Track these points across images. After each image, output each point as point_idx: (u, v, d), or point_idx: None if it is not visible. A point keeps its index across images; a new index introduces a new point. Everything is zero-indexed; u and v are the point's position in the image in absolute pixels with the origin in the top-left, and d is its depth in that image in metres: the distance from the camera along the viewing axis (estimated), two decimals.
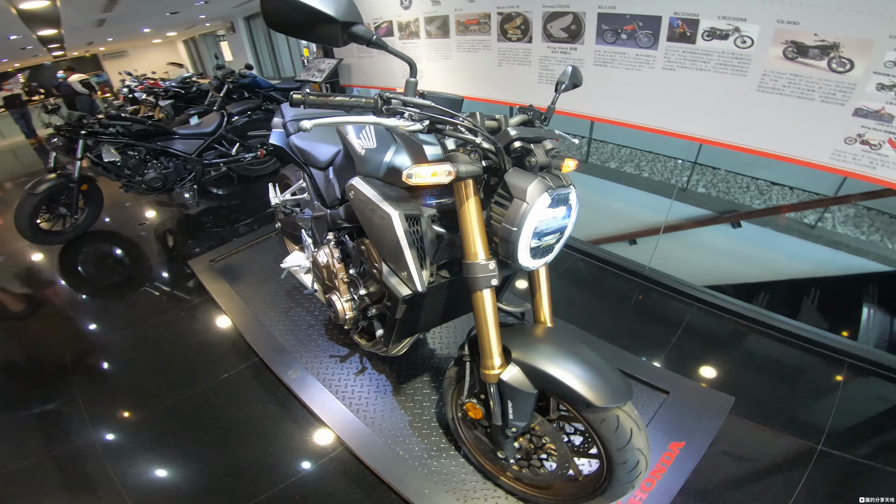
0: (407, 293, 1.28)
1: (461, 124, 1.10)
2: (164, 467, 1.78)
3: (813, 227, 3.16)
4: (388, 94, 1.10)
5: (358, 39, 1.01)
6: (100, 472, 1.76)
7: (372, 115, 1.10)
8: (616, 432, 1.13)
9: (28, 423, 2.03)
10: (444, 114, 1.11)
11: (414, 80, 1.14)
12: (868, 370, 2.05)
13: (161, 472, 1.77)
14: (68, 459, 1.82)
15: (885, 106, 1.73)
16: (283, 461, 1.77)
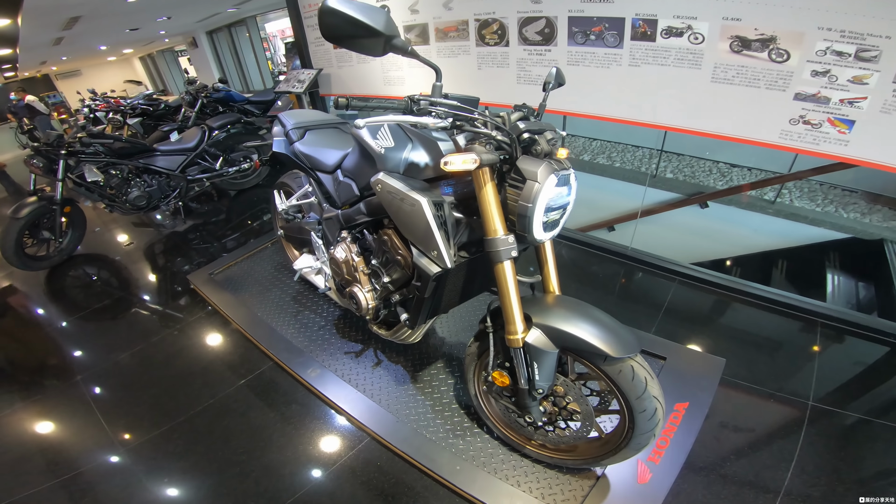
0: (437, 271, 1.41)
1: (479, 120, 1.26)
2: (196, 476, 1.81)
3: (773, 203, 3.47)
4: (417, 96, 1.25)
5: (396, 50, 1.17)
6: (133, 485, 1.78)
7: (407, 115, 1.25)
8: (633, 381, 1.28)
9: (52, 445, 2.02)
10: (465, 111, 1.27)
11: (439, 83, 1.30)
12: (839, 328, 2.29)
13: (194, 481, 1.79)
14: (100, 477, 1.84)
15: (821, 90, 1.98)
16: (314, 457, 1.84)
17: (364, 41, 1.14)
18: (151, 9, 6.56)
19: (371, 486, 1.71)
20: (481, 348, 1.59)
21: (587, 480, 1.61)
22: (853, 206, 3.39)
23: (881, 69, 1.83)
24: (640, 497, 1.54)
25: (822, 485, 1.60)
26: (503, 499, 1.57)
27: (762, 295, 2.46)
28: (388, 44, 1.16)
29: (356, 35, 1.13)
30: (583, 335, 1.26)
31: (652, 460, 1.65)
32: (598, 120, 2.69)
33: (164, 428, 2.01)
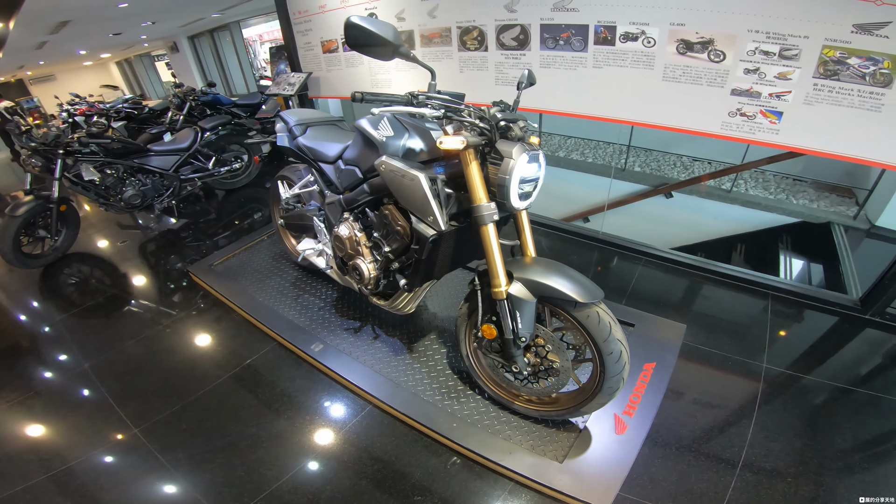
0: (433, 233, 1.65)
1: (465, 111, 1.55)
2: (210, 450, 1.93)
3: (730, 192, 3.80)
4: (415, 92, 1.56)
5: (401, 56, 1.47)
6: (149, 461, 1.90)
7: (408, 106, 1.54)
8: (599, 325, 1.52)
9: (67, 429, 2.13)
10: (455, 104, 1.56)
11: (434, 82, 1.61)
12: (790, 300, 2.59)
13: (208, 454, 1.91)
14: (116, 456, 1.95)
15: (753, 85, 2.28)
16: (322, 425, 2.01)
17: (377, 49, 1.43)
18: (138, 14, 6.61)
19: (376, 448, 1.89)
20: (471, 308, 1.83)
21: (571, 433, 1.83)
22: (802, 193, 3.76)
23: (801, 66, 2.13)
24: (619, 445, 1.76)
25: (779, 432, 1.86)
26: (497, 452, 1.76)
27: (720, 271, 2.75)
28: (395, 51, 1.45)
29: (372, 44, 1.41)
30: (555, 285, 1.52)
31: (627, 413, 1.88)
32: (568, 117, 2.95)
33: (176, 408, 2.14)
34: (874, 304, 2.40)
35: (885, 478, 1.68)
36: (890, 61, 1.98)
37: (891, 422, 1.91)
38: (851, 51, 2.03)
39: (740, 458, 1.76)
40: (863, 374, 2.15)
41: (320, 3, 3.62)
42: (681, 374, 2.12)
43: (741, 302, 2.64)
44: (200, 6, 7.13)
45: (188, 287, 3.06)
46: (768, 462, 1.75)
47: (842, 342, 2.36)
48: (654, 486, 1.68)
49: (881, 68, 2.01)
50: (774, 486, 1.66)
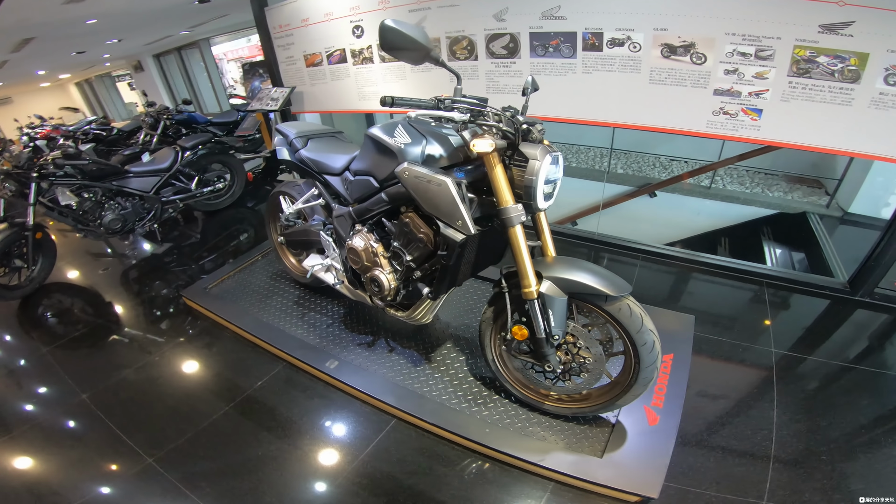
0: (462, 237, 1.64)
1: (489, 114, 1.58)
2: (234, 475, 1.85)
3: (709, 189, 3.98)
4: (441, 96, 1.58)
5: (430, 60, 1.51)
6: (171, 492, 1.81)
7: (436, 110, 1.55)
8: (631, 317, 1.56)
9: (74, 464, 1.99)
10: (480, 107, 1.59)
11: (460, 87, 1.63)
12: (782, 286, 2.72)
13: (233, 480, 1.83)
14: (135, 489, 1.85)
15: (733, 85, 2.40)
16: (347, 443, 1.94)
17: (410, 52, 1.46)
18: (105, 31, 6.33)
19: (406, 461, 1.84)
20: (496, 311, 1.83)
21: (605, 428, 1.84)
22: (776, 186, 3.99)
23: (776, 65, 2.26)
24: (656, 435, 1.78)
25: (801, 412, 1.95)
26: (534, 452, 1.75)
27: (715, 263, 2.87)
28: (427, 55, 1.48)
29: (406, 47, 1.44)
30: (586, 280, 1.55)
31: (656, 405, 1.91)
32: (559, 122, 3.03)
33: (189, 435, 2.04)
34: (862, 285, 2.56)
35: None
36: (856, 58, 2.14)
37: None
38: (820, 50, 2.18)
39: (771, 440, 1.82)
40: (864, 352, 2.29)
41: (302, 17, 3.58)
42: (697, 364, 2.18)
43: (738, 291, 2.75)
44: (170, 23, 6.92)
45: (182, 312, 2.92)
46: (799, 441, 1.82)
47: (837, 323, 2.51)
48: (695, 473, 1.72)
49: (848, 65, 2.16)
50: (811, 464, 1.73)
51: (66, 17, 4.50)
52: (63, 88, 16.49)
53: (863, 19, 2.04)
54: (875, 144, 2.25)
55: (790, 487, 1.65)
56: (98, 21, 5.18)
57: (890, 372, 2.14)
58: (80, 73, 13.72)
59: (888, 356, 2.26)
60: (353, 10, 3.32)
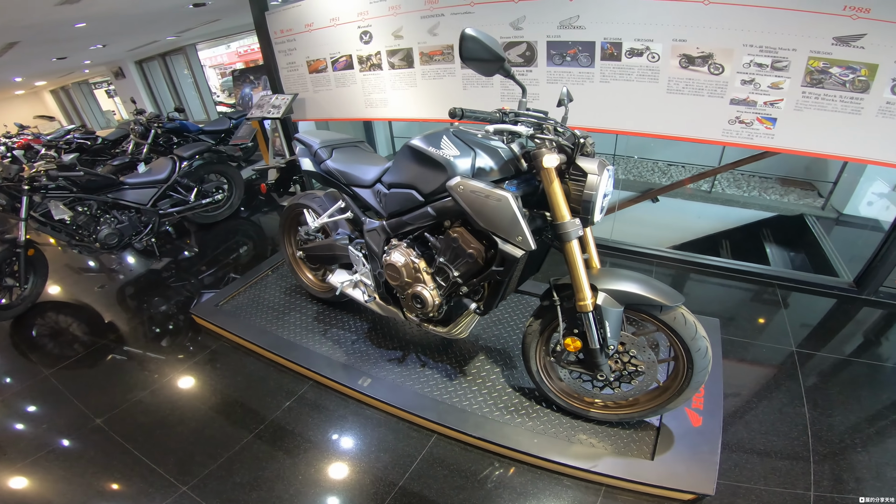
0: (522, 253, 1.61)
1: (550, 128, 1.57)
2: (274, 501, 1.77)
3: (710, 193, 4.10)
4: (506, 109, 1.56)
5: (503, 72, 1.50)
6: None
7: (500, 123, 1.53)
8: (686, 325, 1.58)
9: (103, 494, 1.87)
10: (542, 120, 1.58)
11: (525, 100, 1.63)
12: (791, 287, 2.82)
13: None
14: None
15: (749, 95, 2.48)
16: (389, 463, 1.88)
17: (487, 63, 1.45)
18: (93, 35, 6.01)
19: (454, 477, 1.81)
20: (543, 324, 1.82)
21: (650, 432, 1.86)
22: (771, 189, 4.15)
23: (791, 76, 2.35)
24: (703, 436, 1.81)
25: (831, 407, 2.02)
26: (585, 459, 1.76)
27: (725, 266, 2.94)
28: (501, 66, 1.47)
29: (484, 58, 1.43)
30: (641, 292, 1.56)
31: (697, 407, 1.94)
32: None
33: (222, 459, 1.95)
34: (868, 284, 2.67)
35: None
36: (867, 69, 2.24)
37: None
38: (833, 61, 2.27)
39: (807, 434, 1.89)
40: (878, 348, 2.40)
41: (306, 22, 3.50)
42: (727, 366, 2.23)
43: (751, 293, 2.83)
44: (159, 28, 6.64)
45: (192, 330, 2.79)
46: (833, 434, 1.90)
47: (848, 320, 2.61)
48: (742, 469, 1.77)
49: (859, 76, 2.26)
50: (847, 455, 1.80)
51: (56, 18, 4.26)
52: (38, 96, 15.80)
53: (874, 32, 2.13)
54: (881, 151, 2.35)
55: (833, 477, 1.72)
56: (87, 25, 4.93)
57: None
58: (57, 80, 13.13)
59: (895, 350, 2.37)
60: (360, 16, 3.26)
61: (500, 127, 1.53)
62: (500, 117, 1.54)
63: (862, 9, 2.12)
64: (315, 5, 3.44)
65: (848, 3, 2.12)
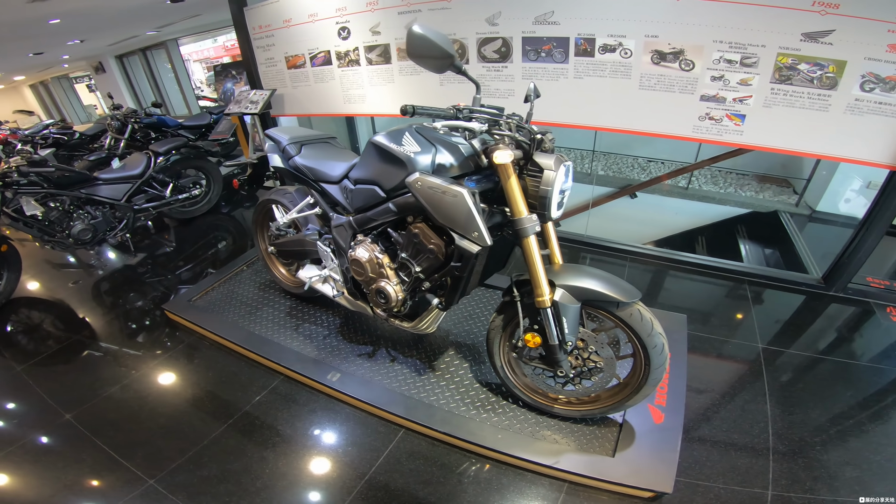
0: (478, 249, 1.62)
1: (506, 124, 1.56)
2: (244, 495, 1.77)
3: (686, 189, 4.13)
4: (460, 105, 1.57)
5: (454, 69, 1.49)
6: None
7: (454, 119, 1.53)
8: (642, 321, 1.60)
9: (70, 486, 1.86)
10: (497, 117, 1.57)
11: (479, 96, 1.61)
12: (761, 283, 2.85)
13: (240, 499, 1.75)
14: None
15: (719, 91, 2.51)
16: (357, 457, 1.89)
17: (435, 60, 1.44)
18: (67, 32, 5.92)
19: (420, 472, 1.82)
20: (506, 319, 1.83)
21: (613, 428, 1.88)
22: (747, 186, 4.20)
23: (760, 72, 2.37)
24: (664, 433, 1.83)
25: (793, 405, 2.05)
26: (547, 455, 1.77)
27: (698, 262, 2.98)
28: (451, 63, 1.46)
29: (433, 55, 1.42)
30: (598, 288, 1.58)
31: (660, 403, 1.96)
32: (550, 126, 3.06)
33: (190, 453, 1.95)
34: (835, 281, 2.71)
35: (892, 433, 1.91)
36: (835, 66, 2.26)
37: (879, 385, 2.17)
38: (801, 57, 2.29)
39: (768, 432, 1.91)
40: (843, 345, 2.44)
41: (284, 18, 3.48)
42: (692, 362, 2.25)
43: (721, 289, 2.87)
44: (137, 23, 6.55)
45: (164, 326, 2.78)
46: (794, 432, 1.91)
47: (815, 317, 2.64)
48: (702, 467, 1.79)
49: (827, 72, 2.28)
50: (807, 454, 1.82)
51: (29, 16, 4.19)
52: (17, 90, 15.54)
53: (842, 28, 2.15)
54: (849, 148, 2.38)
55: (791, 476, 1.74)
56: (62, 21, 4.85)
57: (868, 363, 2.29)
58: (36, 74, 12.97)
59: (864, 347, 2.41)
60: (339, 12, 3.25)
61: (453, 123, 1.53)
62: (454, 114, 1.55)
63: (831, 4, 2.14)
64: (293, 1, 3.43)
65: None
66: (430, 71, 1.51)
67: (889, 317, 2.61)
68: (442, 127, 1.62)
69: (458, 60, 1.48)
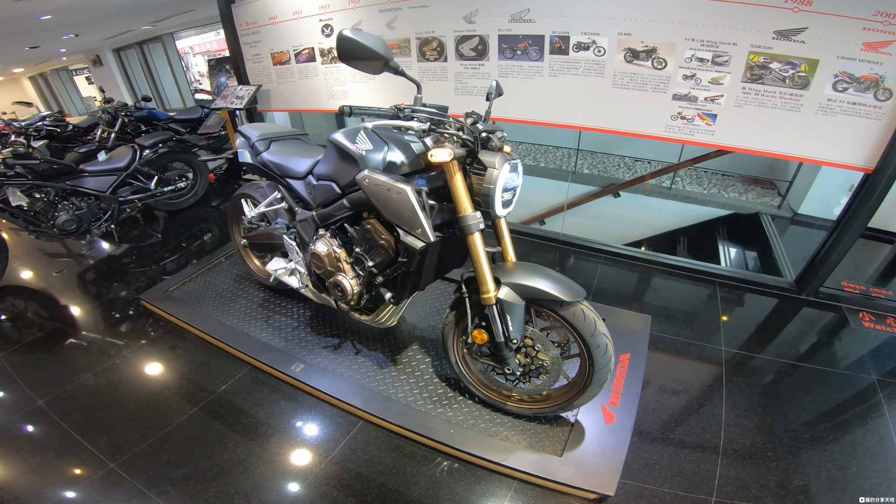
0: (422, 245, 1.65)
1: (449, 123, 1.58)
2: (200, 480, 1.82)
3: (670, 189, 4.12)
4: (401, 105, 1.58)
5: (390, 69, 1.50)
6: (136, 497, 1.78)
7: (395, 119, 1.55)
8: (585, 321, 1.61)
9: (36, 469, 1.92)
10: (440, 116, 1.59)
11: (420, 95, 1.62)
12: (735, 286, 2.85)
13: (199, 485, 1.80)
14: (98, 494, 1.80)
15: (690, 90, 2.50)
16: (314, 446, 1.94)
17: (368, 62, 1.46)
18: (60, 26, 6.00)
19: (374, 462, 1.86)
20: (458, 315, 1.86)
21: (564, 427, 1.90)
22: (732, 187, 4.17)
23: (731, 71, 2.36)
24: (612, 434, 1.85)
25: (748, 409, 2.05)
26: (498, 453, 1.79)
27: (671, 263, 2.98)
28: (385, 65, 1.48)
29: (363, 57, 1.44)
30: (542, 286, 1.59)
31: (613, 404, 1.98)
32: (525, 124, 3.08)
33: (153, 439, 2.00)
34: (807, 285, 2.70)
35: (852, 446, 1.89)
36: (807, 65, 2.24)
37: (840, 393, 2.15)
38: (773, 56, 2.27)
39: (720, 437, 1.92)
40: (808, 350, 2.43)
41: (270, 15, 3.52)
42: (653, 363, 2.27)
43: (692, 290, 2.87)
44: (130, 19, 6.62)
45: (141, 315, 2.84)
46: (746, 438, 1.92)
47: (784, 321, 2.64)
48: (650, 470, 1.80)
49: (799, 71, 2.27)
50: (757, 460, 1.83)
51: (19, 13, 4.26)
52: (16, 82, 15.78)
53: (815, 25, 2.14)
54: (821, 150, 2.37)
55: (737, 483, 1.74)
56: (53, 17, 4.92)
57: (832, 369, 2.28)
58: (35, 66, 13.16)
59: (831, 354, 2.40)
60: (322, 9, 3.29)
61: (393, 123, 1.56)
62: (395, 113, 1.57)
63: (805, 1, 2.12)
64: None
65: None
66: (366, 73, 1.53)
67: (861, 322, 2.59)
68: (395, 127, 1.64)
69: (393, 62, 1.49)
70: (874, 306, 2.68)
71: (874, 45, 2.11)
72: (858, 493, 1.70)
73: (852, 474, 1.77)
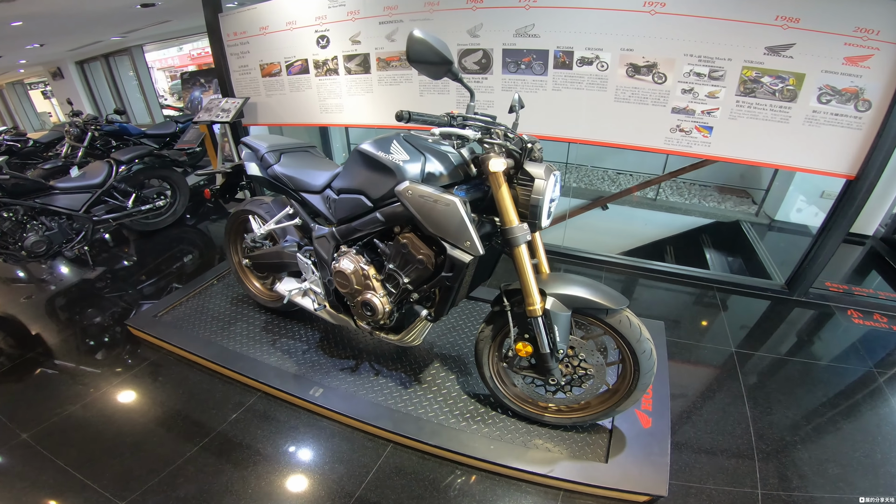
0: (470, 258, 1.60)
1: (499, 133, 1.58)
2: None
3: (655, 200, 4.28)
4: (454, 112, 1.56)
5: (451, 75, 1.49)
6: None
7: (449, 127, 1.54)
8: (631, 328, 1.62)
9: None
10: (490, 125, 1.58)
11: (473, 104, 1.61)
12: (729, 290, 2.97)
13: None
14: None
15: (688, 104, 2.62)
16: (344, 474, 1.82)
17: (434, 66, 1.44)
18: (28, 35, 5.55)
19: (412, 488, 1.76)
20: (495, 329, 1.82)
21: (603, 435, 1.89)
22: (710, 197, 4.40)
23: (726, 85, 2.50)
24: (653, 437, 1.86)
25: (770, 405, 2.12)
26: (541, 464, 1.75)
27: (670, 271, 3.07)
28: (448, 70, 1.46)
29: (432, 61, 1.41)
30: (588, 296, 1.60)
31: (646, 408, 1.99)
32: None
33: (164, 473, 1.82)
34: (798, 286, 2.86)
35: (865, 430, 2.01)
36: (794, 78, 2.39)
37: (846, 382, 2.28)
38: (765, 70, 2.42)
39: (750, 433, 1.97)
40: (809, 347, 2.56)
41: (261, 25, 3.41)
42: (673, 367, 2.31)
43: (692, 295, 2.96)
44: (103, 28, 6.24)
45: (128, 342, 2.61)
46: (774, 432, 1.98)
47: (781, 321, 2.77)
48: (693, 470, 1.82)
49: (787, 85, 2.42)
50: (790, 452, 1.89)
51: None
52: None
53: (802, 41, 2.29)
54: (808, 159, 2.53)
55: (778, 475, 1.79)
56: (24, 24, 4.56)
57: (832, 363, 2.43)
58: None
59: (826, 348, 2.55)
60: (318, 20, 3.21)
61: (448, 130, 1.53)
62: (448, 121, 1.54)
63: (792, 18, 2.27)
64: (271, 9, 3.37)
65: (780, 13, 2.27)
66: (428, 77, 1.50)
67: (850, 319, 2.76)
68: (430, 135, 1.61)
69: (455, 67, 1.48)
70: (858, 303, 2.86)
71: (854, 59, 2.29)
72: None
73: (878, 460, 1.87)
